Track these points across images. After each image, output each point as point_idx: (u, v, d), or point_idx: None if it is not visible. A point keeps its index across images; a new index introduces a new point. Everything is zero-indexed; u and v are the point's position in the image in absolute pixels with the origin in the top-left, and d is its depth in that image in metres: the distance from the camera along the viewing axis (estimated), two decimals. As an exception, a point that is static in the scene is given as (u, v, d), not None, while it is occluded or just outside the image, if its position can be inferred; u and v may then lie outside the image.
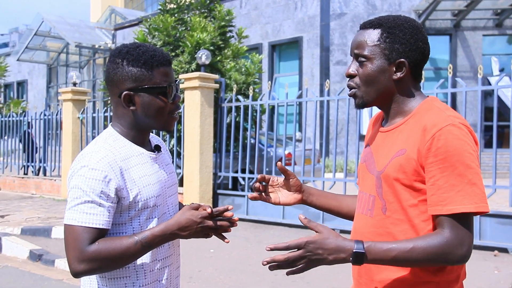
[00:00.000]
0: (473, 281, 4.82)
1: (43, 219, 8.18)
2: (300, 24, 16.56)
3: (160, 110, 1.57)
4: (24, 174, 12.58)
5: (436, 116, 1.42)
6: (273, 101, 8.23)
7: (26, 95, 28.06)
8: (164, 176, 1.66)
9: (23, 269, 5.74)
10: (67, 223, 1.47)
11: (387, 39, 1.49)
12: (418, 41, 1.49)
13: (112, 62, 1.57)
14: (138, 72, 1.53)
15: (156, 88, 1.55)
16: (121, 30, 22.85)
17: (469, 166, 1.37)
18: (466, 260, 1.38)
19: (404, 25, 1.50)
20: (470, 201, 1.35)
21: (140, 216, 1.55)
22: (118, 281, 1.54)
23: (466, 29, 15.67)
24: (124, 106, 1.57)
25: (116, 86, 1.56)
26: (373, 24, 1.52)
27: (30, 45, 24.33)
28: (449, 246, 1.35)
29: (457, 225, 1.36)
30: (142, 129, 1.61)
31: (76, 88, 11.04)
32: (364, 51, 1.50)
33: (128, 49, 1.56)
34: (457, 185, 1.36)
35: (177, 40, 9.75)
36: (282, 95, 14.92)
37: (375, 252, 1.35)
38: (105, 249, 1.44)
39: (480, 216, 6.02)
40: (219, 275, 5.22)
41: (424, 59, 1.52)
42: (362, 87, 1.53)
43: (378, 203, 1.51)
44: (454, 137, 1.37)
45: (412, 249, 1.35)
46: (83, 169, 1.48)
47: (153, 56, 1.55)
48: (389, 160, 1.48)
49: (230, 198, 8.47)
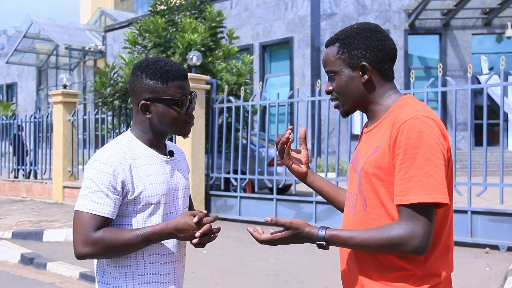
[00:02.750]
0: (464, 278, 4.85)
1: (34, 222, 8.12)
2: (291, 24, 16.58)
3: (173, 119, 1.73)
4: (15, 177, 12.49)
5: (404, 111, 1.49)
6: (265, 102, 8.24)
7: (16, 97, 27.88)
8: (175, 178, 1.80)
9: (14, 273, 5.69)
10: (77, 209, 1.64)
11: (345, 49, 1.59)
12: (373, 41, 1.57)
13: (133, 74, 1.75)
14: (154, 84, 1.71)
15: (170, 99, 1.71)
16: (111, 31, 22.75)
17: (428, 158, 1.40)
18: (421, 251, 1.41)
19: (357, 31, 1.59)
20: (426, 192, 1.39)
21: (144, 211, 1.69)
22: (120, 269, 1.70)
23: (456, 28, 15.77)
24: (142, 113, 1.75)
25: (136, 96, 1.75)
26: (332, 40, 1.65)
27: (19, 48, 24.18)
28: (400, 237, 1.40)
29: (413, 216, 1.40)
30: (158, 134, 1.78)
31: (66, 90, 10.97)
32: (331, 67, 1.62)
33: (148, 63, 1.74)
34: (415, 176, 1.40)
35: (167, 41, 9.72)
36: (273, 95, 14.94)
37: (336, 242, 1.50)
38: (108, 236, 1.60)
39: (472, 214, 6.06)
40: (212, 276, 5.21)
41: (386, 55, 1.58)
42: (339, 98, 1.64)
43: (359, 200, 1.56)
44: (415, 130, 1.42)
45: (367, 239, 1.44)
46: (95, 162, 1.66)
47: (169, 70, 1.71)
48: (367, 157, 1.54)
49: (222, 199, 8.46)
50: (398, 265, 1.47)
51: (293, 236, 1.51)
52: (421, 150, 1.40)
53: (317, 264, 5.50)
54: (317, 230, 1.50)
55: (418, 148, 1.40)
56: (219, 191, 8.75)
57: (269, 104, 8.17)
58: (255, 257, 5.89)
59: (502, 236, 5.93)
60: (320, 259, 5.69)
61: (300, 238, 1.52)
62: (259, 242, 1.56)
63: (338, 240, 1.49)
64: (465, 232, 6.07)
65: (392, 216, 1.47)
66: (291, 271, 5.30)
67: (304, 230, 1.51)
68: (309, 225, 1.52)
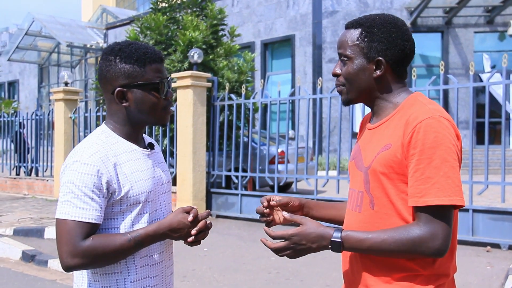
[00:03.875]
0: (466, 276, 4.85)
1: (35, 219, 8.13)
2: (292, 22, 16.56)
3: (153, 106, 1.60)
4: (16, 174, 12.50)
5: (418, 109, 1.45)
6: (266, 99, 8.22)
7: (18, 95, 27.90)
8: (158, 173, 1.68)
9: (15, 270, 5.71)
10: (60, 217, 1.48)
11: (366, 38, 1.52)
12: (397, 39, 1.51)
13: (104, 59, 1.60)
14: (130, 68, 1.56)
15: (149, 84, 1.58)
16: (113, 29, 22.75)
17: (445, 159, 1.38)
18: (442, 253, 1.39)
19: (383, 24, 1.52)
20: (444, 194, 1.36)
21: (132, 211, 1.57)
22: (110, 277, 1.56)
23: (458, 26, 15.74)
24: (117, 102, 1.60)
25: (109, 83, 1.59)
26: (354, 24, 1.56)
27: (21, 45, 24.17)
28: (421, 239, 1.37)
29: (432, 218, 1.37)
30: (136, 125, 1.64)
31: (67, 88, 10.98)
32: (346, 51, 1.55)
33: (120, 46, 1.59)
34: (432, 178, 1.37)
35: (169, 39, 9.72)
36: (274, 93, 14.92)
37: (352, 241, 1.43)
38: (99, 244, 1.47)
39: (473, 212, 6.05)
40: (213, 273, 5.22)
41: (406, 56, 1.53)
42: (346, 85, 1.57)
43: (366, 198, 1.52)
44: (432, 130, 1.39)
45: (385, 240, 1.40)
46: (75, 164, 1.50)
47: (145, 53, 1.58)
48: (375, 155, 1.50)
49: (223, 196, 8.46)
50: (405, 266, 1.44)
51: (307, 232, 1.45)
52: (438, 150, 1.37)
53: (317, 262, 5.49)
54: (332, 230, 1.45)
55: (436, 148, 1.37)
56: (220, 188, 8.74)
57: (271, 102, 8.16)
58: (256, 255, 5.89)
59: (504, 235, 5.92)
60: (320, 257, 5.68)
61: (313, 237, 1.45)
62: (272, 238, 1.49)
63: (354, 240, 1.43)
64: (467, 231, 6.06)
65: (402, 215, 1.45)
66: (291, 269, 5.30)
67: (318, 228, 1.46)
68: (322, 225, 1.48)
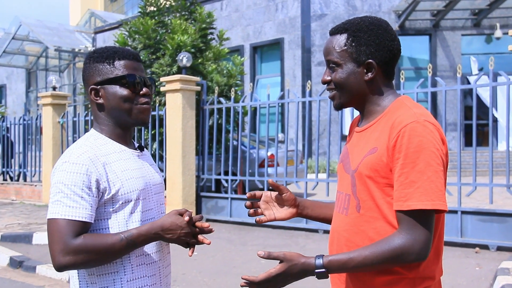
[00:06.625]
0: (454, 278, 4.87)
1: (23, 225, 8.05)
2: (281, 25, 16.60)
3: (123, 99, 1.62)
4: (4, 180, 12.38)
5: (403, 113, 1.45)
6: (255, 103, 8.23)
7: (5, 100, 27.64)
8: (150, 172, 1.71)
9: (3, 276, 5.64)
10: (51, 217, 1.50)
11: (353, 42, 1.52)
12: (384, 40, 1.52)
13: (84, 64, 1.69)
14: (101, 66, 1.63)
15: (117, 77, 1.62)
16: (101, 33, 22.66)
17: (429, 164, 1.38)
18: (423, 258, 1.39)
19: (369, 26, 1.52)
20: (427, 198, 1.37)
21: (124, 210, 1.58)
22: (107, 277, 1.57)
23: (445, 29, 15.87)
24: (93, 100, 1.65)
25: (87, 84, 1.66)
26: (339, 29, 1.56)
27: (8, 49, 23.97)
28: (402, 249, 1.37)
29: (414, 224, 1.38)
30: (119, 124, 1.66)
31: (56, 92, 10.90)
32: (334, 57, 1.54)
33: (96, 50, 1.68)
34: (416, 182, 1.38)
35: (157, 42, 9.70)
36: (264, 96, 14.93)
37: (336, 266, 1.43)
38: (90, 242, 1.48)
39: (461, 214, 6.09)
40: (203, 277, 5.19)
41: (394, 56, 1.54)
42: (338, 90, 1.57)
43: (352, 201, 1.53)
44: (416, 134, 1.39)
45: (367, 257, 1.39)
46: (64, 164, 1.53)
47: (115, 51, 1.65)
48: (362, 158, 1.50)
49: (213, 200, 8.44)
50: (390, 269, 1.45)
51: (289, 269, 1.44)
52: (422, 155, 1.38)
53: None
54: (313, 259, 1.44)
55: (419, 153, 1.38)
56: (210, 192, 8.72)
57: (260, 105, 8.17)
58: (246, 258, 5.88)
59: (492, 236, 5.96)
60: (311, 260, 5.69)
61: (297, 271, 1.44)
62: (256, 285, 1.47)
63: (337, 264, 1.42)
64: (455, 232, 6.10)
65: (387, 218, 1.45)
66: (282, 272, 5.29)
67: (299, 261, 1.44)
68: (303, 256, 1.46)
